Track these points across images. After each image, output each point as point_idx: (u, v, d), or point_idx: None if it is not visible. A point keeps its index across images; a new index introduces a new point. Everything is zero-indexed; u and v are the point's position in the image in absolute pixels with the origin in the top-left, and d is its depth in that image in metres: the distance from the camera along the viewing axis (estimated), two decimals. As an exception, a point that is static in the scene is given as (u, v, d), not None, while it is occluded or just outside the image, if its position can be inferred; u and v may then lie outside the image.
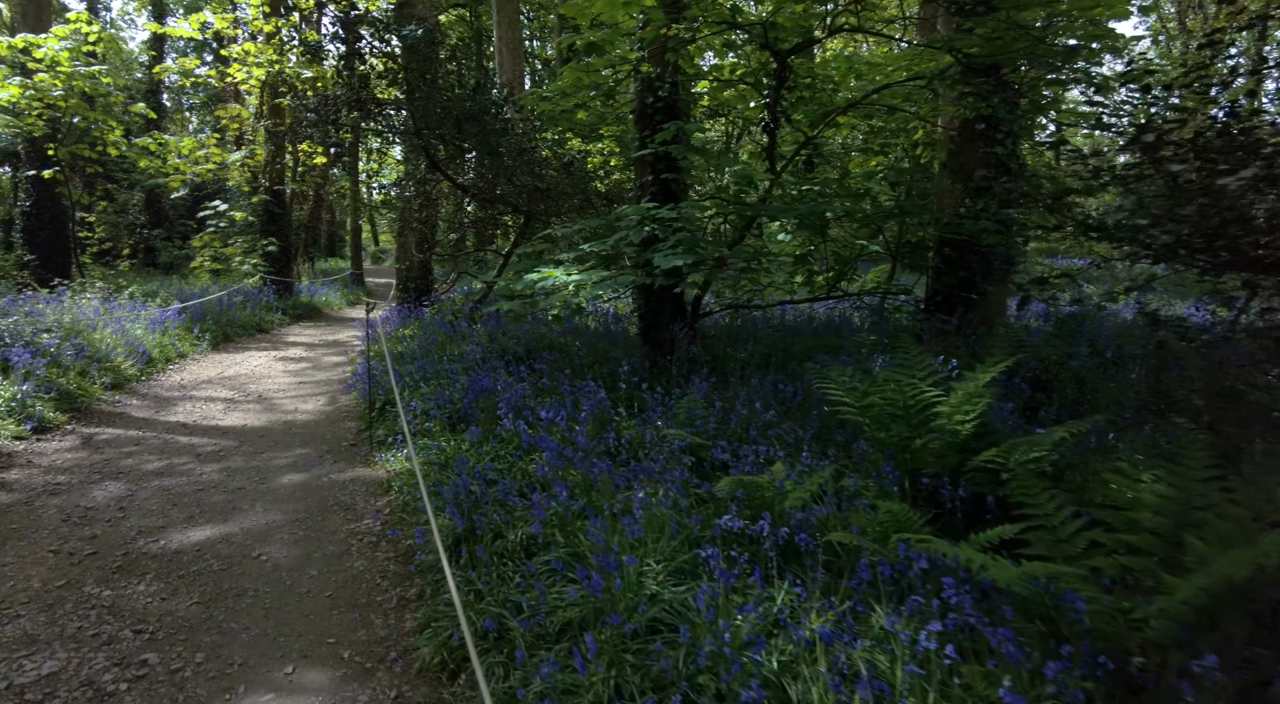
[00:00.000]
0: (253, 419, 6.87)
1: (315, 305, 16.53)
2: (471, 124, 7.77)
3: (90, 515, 4.38)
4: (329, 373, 9.28)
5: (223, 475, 5.17)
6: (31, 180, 12.80)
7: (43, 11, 13.37)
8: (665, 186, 7.14)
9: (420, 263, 11.25)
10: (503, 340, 7.67)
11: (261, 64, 13.80)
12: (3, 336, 7.20)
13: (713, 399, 5.15)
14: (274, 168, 15.49)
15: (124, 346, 8.46)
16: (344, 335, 12.95)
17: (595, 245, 5.96)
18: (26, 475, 5.06)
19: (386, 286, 25.57)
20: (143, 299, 11.36)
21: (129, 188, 21.29)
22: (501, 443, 4.82)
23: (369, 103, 8.08)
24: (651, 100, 7.09)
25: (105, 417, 6.71)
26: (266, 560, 3.83)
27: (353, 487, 4.96)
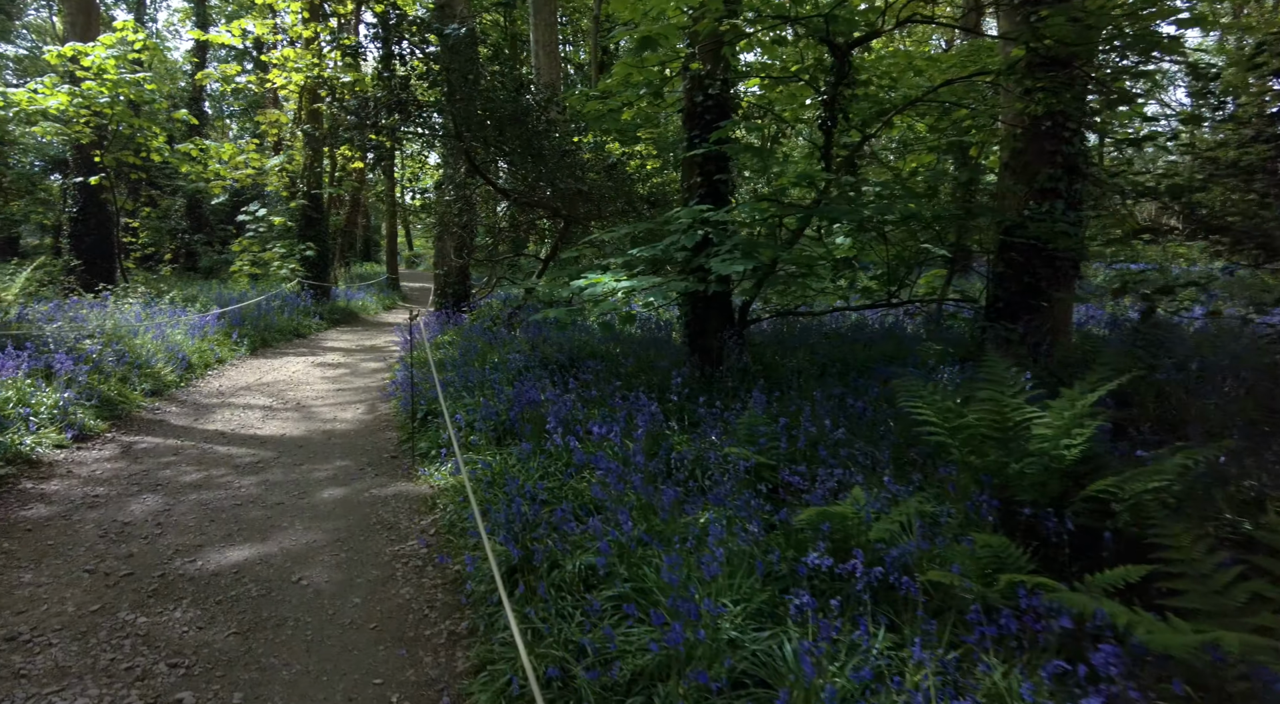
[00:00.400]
0: (291, 428, 6.71)
1: (352, 310, 16.53)
2: (514, 126, 7.56)
3: (127, 532, 4.21)
4: (367, 380, 9.14)
5: (261, 489, 4.98)
6: (79, 187, 12.94)
7: (91, 21, 13.54)
8: (715, 188, 6.86)
9: (458, 268, 11.09)
10: (544, 348, 7.43)
11: (300, 69, 13.82)
12: (47, 343, 7.16)
13: (775, 414, 4.83)
14: (312, 172, 15.53)
15: (164, 352, 8.40)
16: (381, 340, 12.86)
17: (645, 250, 5.68)
18: (66, 487, 4.93)
19: (421, 291, 25.64)
20: (183, 304, 11.39)
21: (171, 194, 21.62)
22: (550, 459, 4.55)
23: (409, 105, 7.91)
24: (701, 99, 6.81)
25: (145, 424, 6.60)
26: (307, 585, 3.60)
27: (395, 503, 4.73)
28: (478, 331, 8.98)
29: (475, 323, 9.65)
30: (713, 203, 6.91)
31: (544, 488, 4.15)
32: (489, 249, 10.65)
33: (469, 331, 9.17)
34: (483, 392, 6.03)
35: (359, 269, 26.07)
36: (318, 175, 15.75)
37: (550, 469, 4.42)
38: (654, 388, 5.92)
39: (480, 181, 9.06)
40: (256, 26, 14.31)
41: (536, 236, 13.05)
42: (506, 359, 7.05)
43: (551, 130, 7.84)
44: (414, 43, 7.53)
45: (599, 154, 8.64)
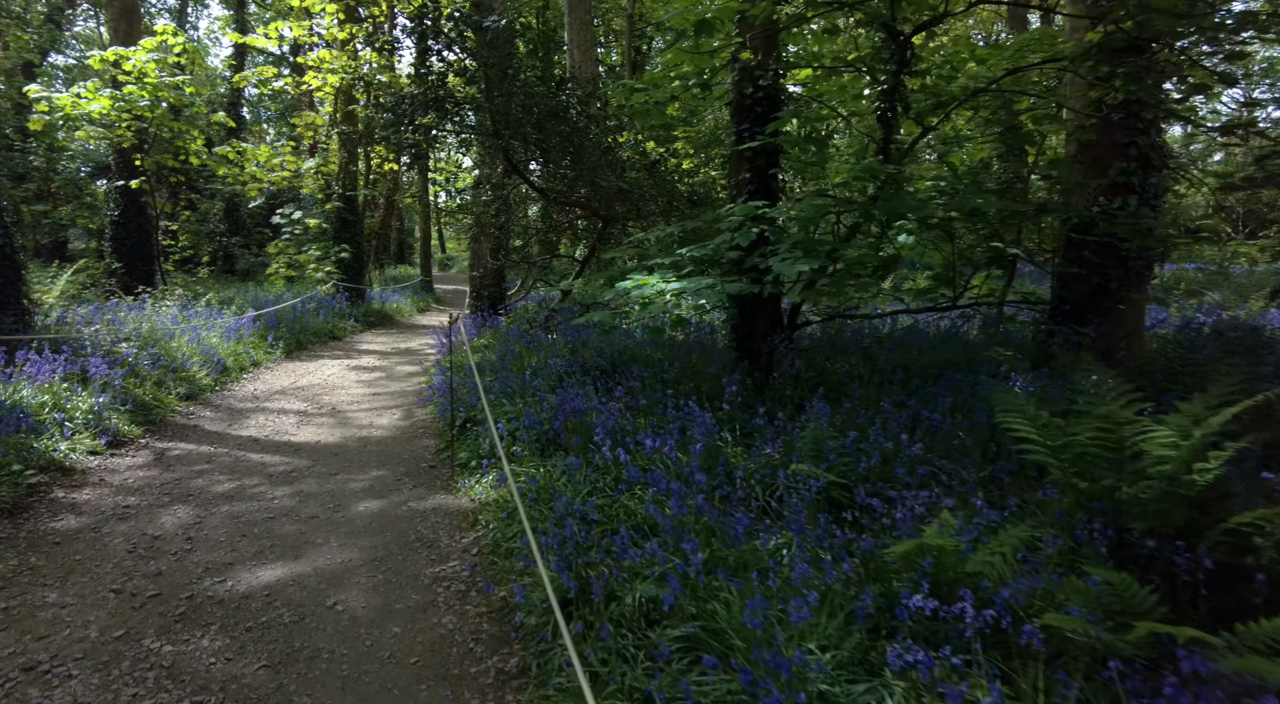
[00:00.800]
0: (326, 434, 6.51)
1: (387, 312, 16.47)
2: (553, 122, 7.29)
3: (157, 546, 4.00)
4: (403, 384, 8.95)
5: (295, 501, 4.76)
6: (120, 190, 13.03)
7: (134, 27, 13.65)
8: (766, 184, 6.52)
9: (494, 270, 10.87)
10: (584, 353, 7.14)
11: (336, 71, 13.77)
12: (84, 346, 7.07)
13: (841, 427, 4.47)
14: (347, 174, 15.49)
15: (199, 355, 8.30)
16: (416, 343, 12.71)
17: (695, 249, 5.36)
18: (97, 497, 4.76)
19: (454, 293, 25.61)
20: (219, 306, 11.35)
21: (210, 197, 21.86)
22: (599, 472, 4.24)
23: (446, 102, 7.69)
24: (752, 90, 6.47)
25: (179, 430, 6.46)
26: (343, 611, 3.34)
27: (434, 518, 4.47)
28: (515, 335, 8.73)
29: (512, 326, 9.41)
30: (763, 199, 6.58)
31: (594, 505, 3.84)
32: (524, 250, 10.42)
33: (506, 335, 8.93)
34: (524, 399, 5.75)
35: (393, 272, 26.15)
36: (353, 177, 15.71)
37: (599, 484, 4.12)
38: (703, 395, 5.59)
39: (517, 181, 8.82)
40: (293, 29, 14.31)
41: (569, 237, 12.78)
42: (546, 364, 6.77)
43: (591, 126, 7.56)
44: (450, 37, 7.30)
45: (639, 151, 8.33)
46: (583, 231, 9.83)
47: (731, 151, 6.86)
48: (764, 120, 6.48)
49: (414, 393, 8.38)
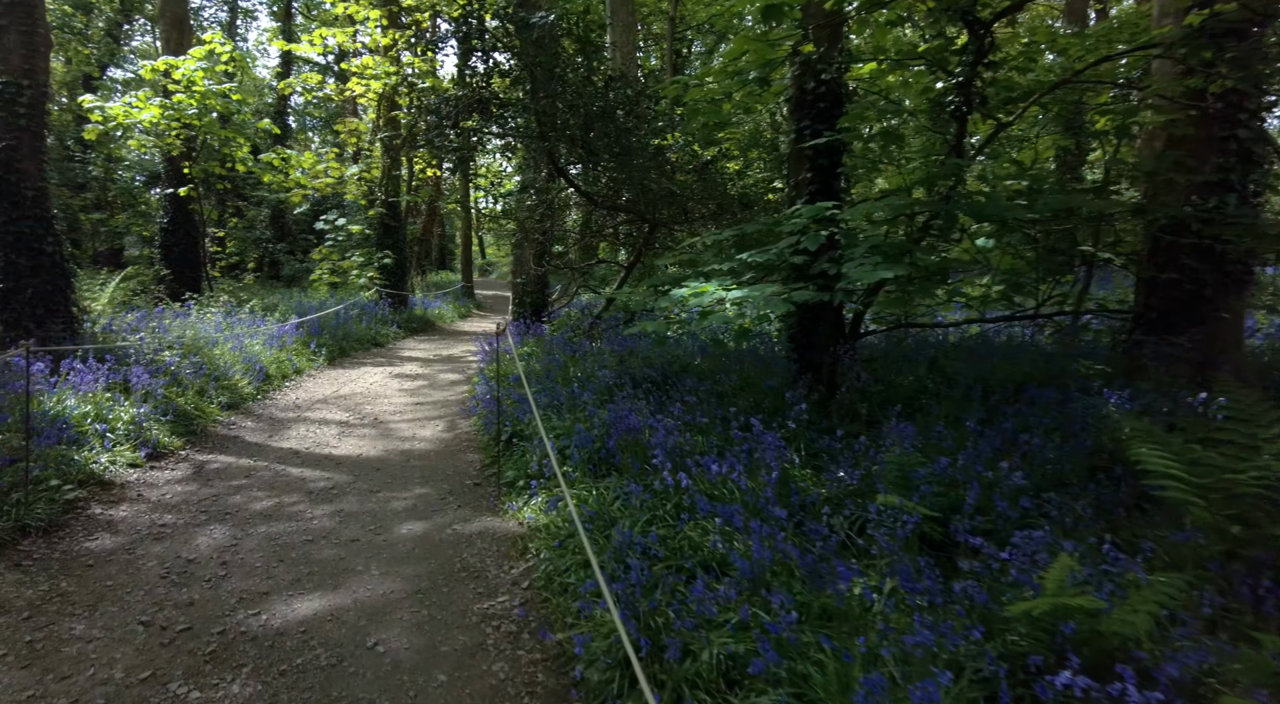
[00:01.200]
0: (368, 447, 6.29)
1: (429, 318, 16.40)
2: (601, 122, 6.98)
3: (190, 572, 3.77)
4: (446, 393, 8.73)
5: (335, 522, 4.50)
6: (169, 198, 13.16)
7: (184, 38, 13.81)
8: (828, 185, 6.12)
9: (537, 276, 10.63)
10: (632, 362, 6.81)
11: (379, 77, 13.74)
12: (128, 354, 6.99)
13: (925, 450, 4.04)
14: (389, 180, 15.46)
15: (241, 363, 8.19)
16: (458, 350, 12.55)
17: (756, 254, 4.98)
18: (134, 513, 4.57)
19: (494, 299, 25.58)
20: (262, 313, 11.32)
21: (257, 204, 22.19)
22: (658, 498, 3.89)
23: (490, 103, 7.45)
24: (813, 85, 6.08)
25: (219, 441, 6.30)
26: (384, 653, 3.04)
27: (481, 543, 4.16)
28: (559, 343, 8.45)
29: (556, 334, 9.13)
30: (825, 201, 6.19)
31: (655, 537, 3.49)
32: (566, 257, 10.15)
33: (550, 343, 8.65)
34: (573, 413, 5.43)
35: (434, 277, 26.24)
36: (395, 183, 15.69)
37: (659, 511, 3.76)
38: (763, 411, 5.20)
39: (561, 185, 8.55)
40: (337, 36, 14.34)
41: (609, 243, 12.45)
42: (594, 375, 6.46)
43: (641, 126, 7.24)
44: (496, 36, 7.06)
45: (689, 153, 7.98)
46: (626, 237, 9.51)
47: (790, 151, 6.48)
48: (826, 117, 6.09)
49: (457, 403, 8.14)
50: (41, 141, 7.53)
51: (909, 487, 3.61)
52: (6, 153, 7.21)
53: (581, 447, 4.54)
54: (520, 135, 7.58)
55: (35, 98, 7.42)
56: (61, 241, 7.50)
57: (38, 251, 7.25)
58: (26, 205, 7.27)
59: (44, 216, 7.39)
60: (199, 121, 12.17)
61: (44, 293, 7.25)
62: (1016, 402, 5.17)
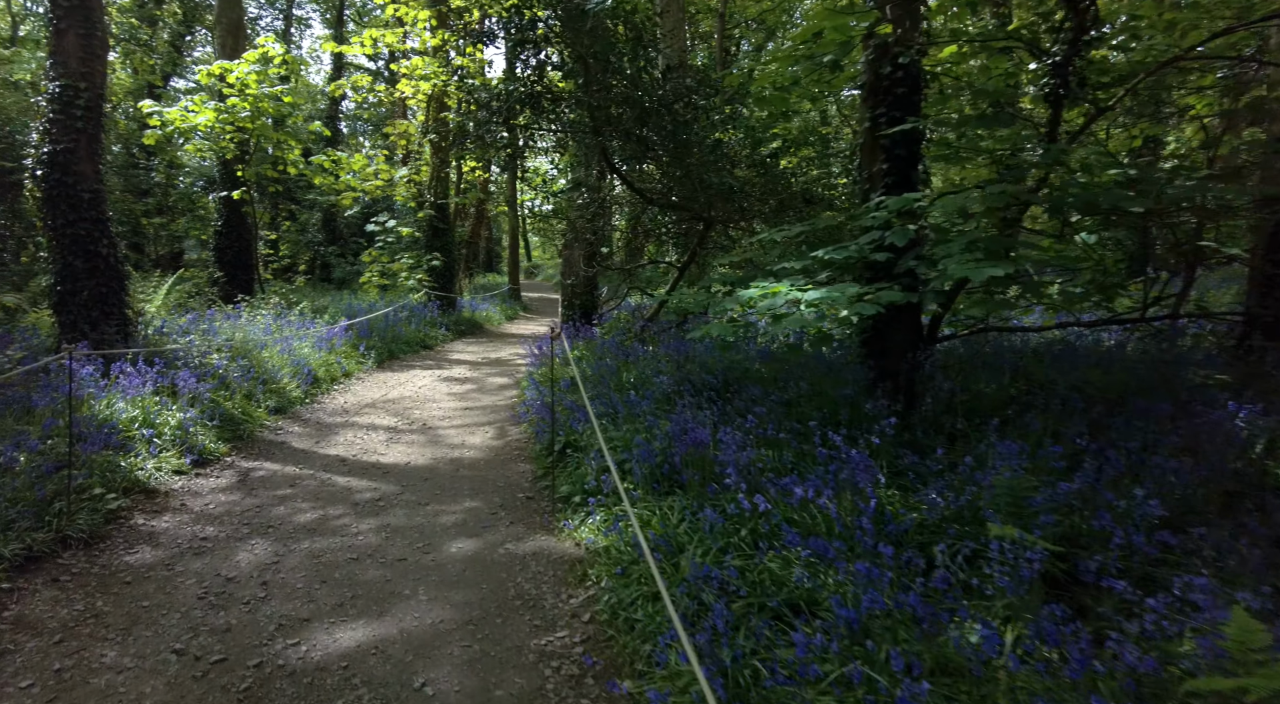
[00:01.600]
0: (416, 455, 6.05)
1: (476, 321, 16.29)
2: (658, 116, 6.62)
3: (229, 592, 3.53)
4: (495, 397, 8.48)
5: (381, 537, 4.23)
6: (222, 201, 13.30)
7: (240, 43, 13.97)
8: (905, 177, 5.66)
9: (586, 278, 10.32)
10: (690, 368, 6.43)
11: (428, 77, 13.65)
12: (178, 357, 6.91)
13: (1036, 470, 3.56)
14: (438, 181, 15.41)
15: (290, 366, 8.08)
16: (506, 352, 12.34)
17: (834, 251, 4.55)
18: (176, 525, 4.38)
19: (540, 301, 25.47)
20: (312, 315, 11.29)
21: (309, 208, 22.50)
22: (731, 521, 3.50)
23: (542, 97, 7.16)
24: (890, 70, 5.62)
25: (265, 447, 6.13)
26: (433, 696, 2.72)
27: (536, 566, 3.83)
28: (611, 347, 8.11)
29: (608, 337, 8.81)
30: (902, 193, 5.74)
31: (732, 568, 3.10)
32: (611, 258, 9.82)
33: (600, 347, 8.33)
34: (630, 423, 5.08)
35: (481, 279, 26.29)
36: (444, 185, 15.63)
37: (732, 537, 3.37)
38: (839, 424, 4.77)
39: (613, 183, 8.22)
40: (386, 37, 14.33)
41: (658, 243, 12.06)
42: (650, 381, 6.09)
43: (701, 118, 6.86)
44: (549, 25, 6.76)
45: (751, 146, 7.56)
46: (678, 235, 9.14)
47: (863, 141, 6.02)
48: (904, 103, 5.64)
49: (506, 408, 7.88)
50: (98, 144, 7.51)
51: (1024, 515, 3.15)
52: (64, 155, 7.21)
53: (643, 461, 4.17)
54: (573, 130, 7.27)
55: (92, 100, 7.41)
56: (116, 244, 7.48)
57: (93, 254, 7.23)
58: (83, 207, 7.26)
59: (100, 219, 7.37)
60: (251, 124, 12.23)
61: (99, 295, 7.22)
62: (1122, 414, 4.63)
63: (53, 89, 7.25)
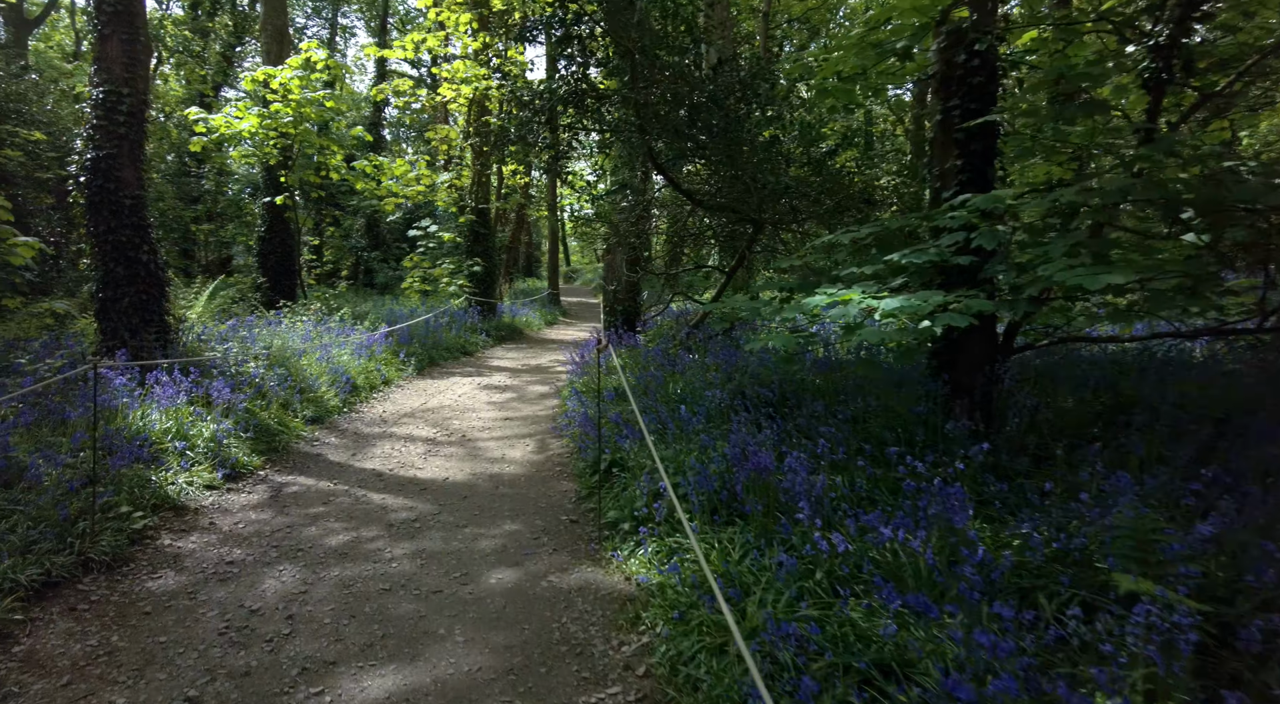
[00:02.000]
0: (454, 469, 5.76)
1: (517, 326, 16.10)
2: (709, 112, 6.24)
3: (252, 627, 3.24)
4: (535, 407, 8.18)
5: (415, 565, 3.92)
6: (265, 206, 13.33)
7: (284, 49, 14.03)
8: (980, 173, 5.20)
9: (629, 283, 9.98)
10: (742, 380, 6.02)
11: (469, 80, 13.51)
12: (214, 365, 6.76)
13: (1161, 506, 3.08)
14: (479, 186, 15.27)
15: (328, 375, 7.89)
16: (546, 359, 12.08)
17: (912, 255, 4.10)
18: (202, 546, 4.14)
19: (579, 306, 25.26)
20: (352, 322, 11.17)
21: (353, 213, 22.67)
22: (804, 560, 3.09)
23: (586, 95, 6.84)
24: (965, 58, 5.16)
25: (300, 460, 5.91)
26: (468, 765, 2.37)
27: (582, 604, 3.47)
28: (655, 355, 7.74)
29: (652, 345, 8.44)
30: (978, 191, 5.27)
31: (805, 612, 2.70)
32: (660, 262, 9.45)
33: (645, 355, 7.96)
34: (682, 442, 4.69)
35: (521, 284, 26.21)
36: (485, 189, 15.49)
37: (807, 581, 2.97)
38: (913, 445, 4.32)
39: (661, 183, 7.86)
40: (428, 39, 14.25)
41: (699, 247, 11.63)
42: (701, 394, 5.70)
43: (754, 114, 6.45)
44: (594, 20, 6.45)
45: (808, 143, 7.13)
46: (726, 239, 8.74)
47: (935, 135, 5.56)
48: (980, 94, 5.17)
49: (547, 419, 7.56)
50: (140, 150, 7.44)
51: (1153, 562, 2.68)
52: (107, 161, 7.14)
53: (700, 487, 3.78)
54: (617, 130, 6.93)
55: (135, 106, 7.34)
56: (157, 250, 7.38)
57: (134, 260, 7.15)
58: (125, 214, 7.18)
59: (141, 225, 7.29)
60: (294, 130, 12.21)
61: (139, 302, 7.13)
62: (1234, 436, 4.08)
63: (96, 95, 7.19)
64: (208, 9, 25.06)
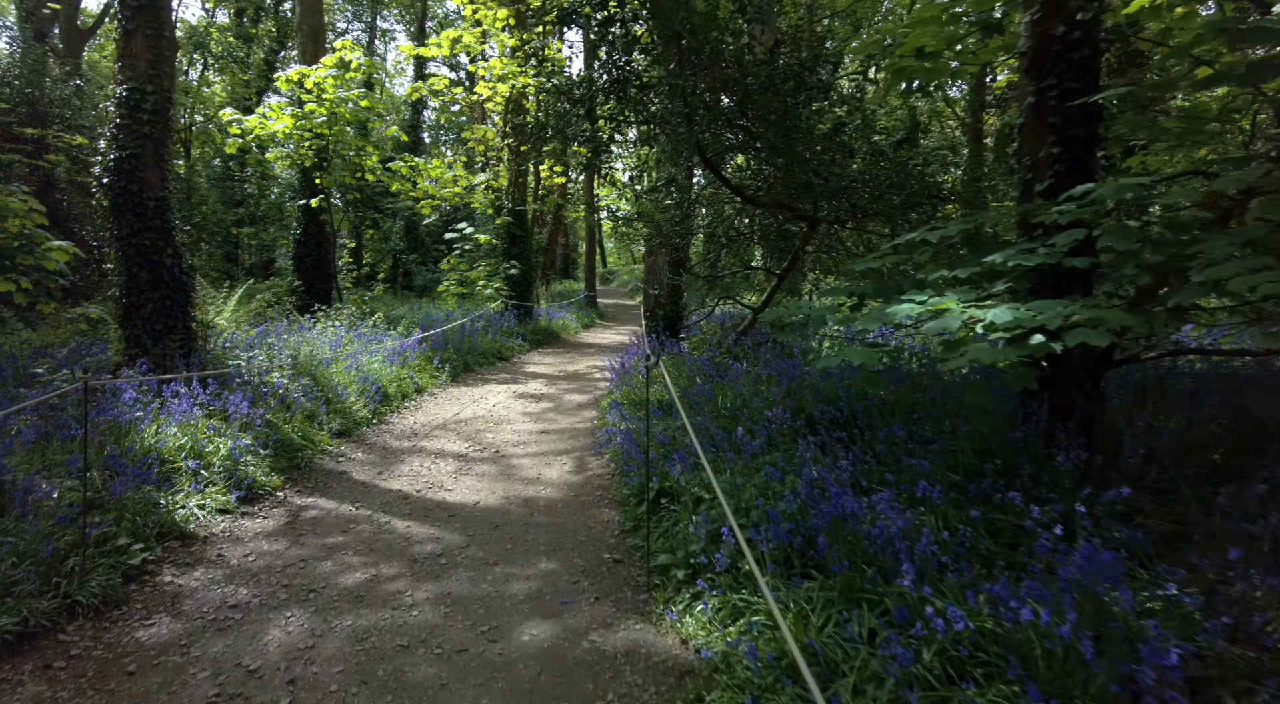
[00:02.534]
0: (486, 491, 5.28)
1: (553, 330, 15.67)
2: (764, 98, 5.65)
3: (247, 695, 2.78)
4: (573, 419, 7.68)
5: (439, 613, 3.43)
6: (301, 209, 13.12)
7: (319, 48, 13.83)
8: (1081, 162, 4.54)
9: (671, 286, 9.42)
10: (804, 396, 5.41)
11: (506, 77, 13.12)
12: (237, 376, 6.39)
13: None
14: (516, 187, 14.90)
15: (357, 384, 7.50)
16: (583, 365, 11.59)
17: (1020, 257, 3.46)
18: (205, 584, 3.71)
19: (616, 307, 24.78)
20: (386, 326, 10.82)
21: (392, 216, 22.56)
22: (906, 632, 2.50)
23: (630, 84, 6.31)
24: (1063, 31, 4.50)
25: (323, 478, 5.49)
26: None
27: (631, 673, 2.92)
28: (702, 364, 7.17)
29: (697, 353, 7.87)
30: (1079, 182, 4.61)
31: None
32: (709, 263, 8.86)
33: (690, 364, 7.40)
34: (740, 469, 4.11)
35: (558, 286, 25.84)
36: (522, 190, 15.10)
37: (917, 662, 2.37)
38: (1015, 476, 3.69)
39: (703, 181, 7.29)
40: (464, 36, 13.90)
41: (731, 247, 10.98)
42: (759, 412, 5.11)
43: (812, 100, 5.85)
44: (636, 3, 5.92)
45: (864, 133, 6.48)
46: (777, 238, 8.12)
47: (1024, 120, 4.88)
48: (1082, 71, 4.52)
49: (585, 432, 7.05)
50: (164, 150, 7.13)
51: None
52: (130, 162, 6.85)
53: (772, 535, 3.19)
54: (663, 121, 6.38)
55: (159, 104, 7.03)
56: (181, 254, 7.07)
57: (157, 265, 6.84)
58: (148, 216, 6.87)
59: (165, 228, 6.98)
60: (328, 130, 11.94)
61: (163, 308, 6.82)
62: None
63: (120, 93, 6.90)
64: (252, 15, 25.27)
